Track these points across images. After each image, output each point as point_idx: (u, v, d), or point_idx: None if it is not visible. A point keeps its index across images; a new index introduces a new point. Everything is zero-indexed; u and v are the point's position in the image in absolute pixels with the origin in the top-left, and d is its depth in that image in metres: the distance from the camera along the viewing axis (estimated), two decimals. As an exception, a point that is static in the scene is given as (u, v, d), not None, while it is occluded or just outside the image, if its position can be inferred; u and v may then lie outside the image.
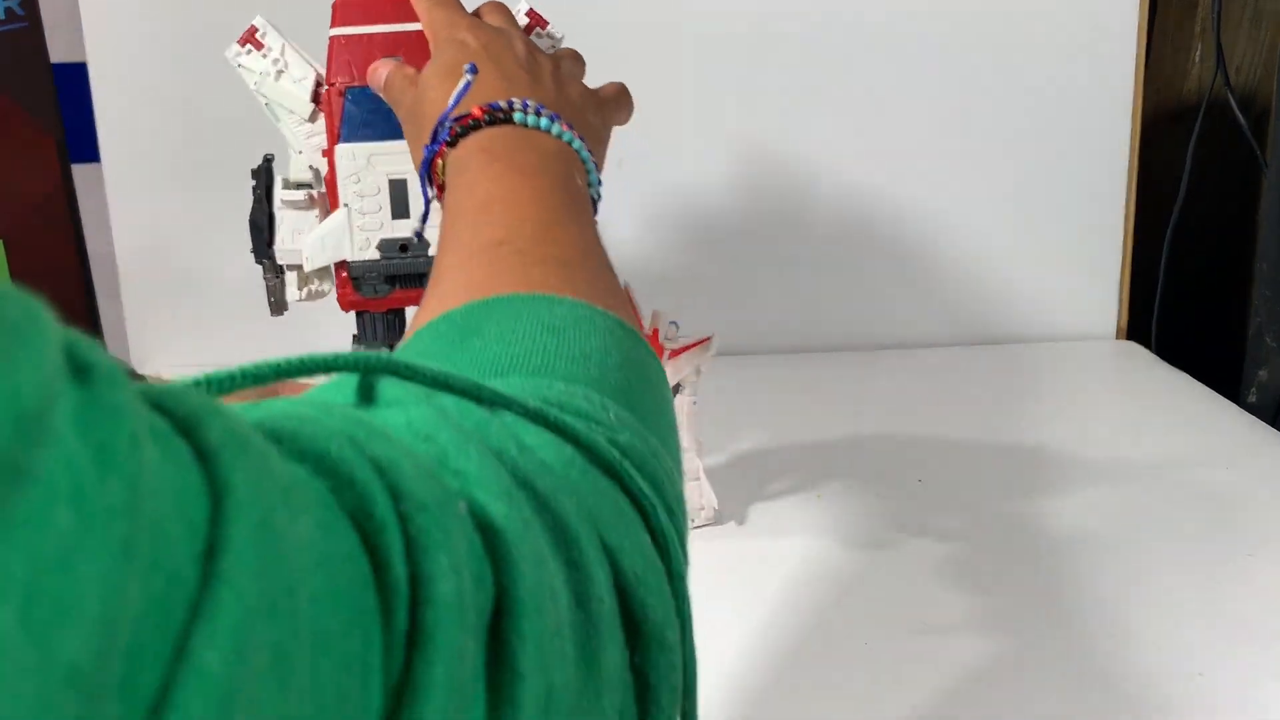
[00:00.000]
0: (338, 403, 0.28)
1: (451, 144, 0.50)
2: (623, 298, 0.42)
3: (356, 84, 0.68)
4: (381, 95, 0.63)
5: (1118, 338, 1.17)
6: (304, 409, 0.24)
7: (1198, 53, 1.25)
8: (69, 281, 1.25)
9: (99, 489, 0.15)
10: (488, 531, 0.24)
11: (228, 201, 0.72)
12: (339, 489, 0.22)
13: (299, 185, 0.73)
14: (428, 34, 0.60)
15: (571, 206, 0.46)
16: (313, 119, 0.71)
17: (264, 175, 0.73)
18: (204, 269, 1.14)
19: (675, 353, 0.73)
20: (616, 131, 1.28)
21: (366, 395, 0.29)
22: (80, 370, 0.16)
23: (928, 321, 1.16)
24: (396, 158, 0.68)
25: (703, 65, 1.12)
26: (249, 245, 0.73)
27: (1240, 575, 0.67)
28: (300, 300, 0.73)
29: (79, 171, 1.23)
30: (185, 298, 1.17)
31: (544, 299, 0.37)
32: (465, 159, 0.49)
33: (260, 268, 0.74)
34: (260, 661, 0.17)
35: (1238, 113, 1.13)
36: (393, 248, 0.69)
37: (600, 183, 0.53)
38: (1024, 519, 0.76)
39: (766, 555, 0.71)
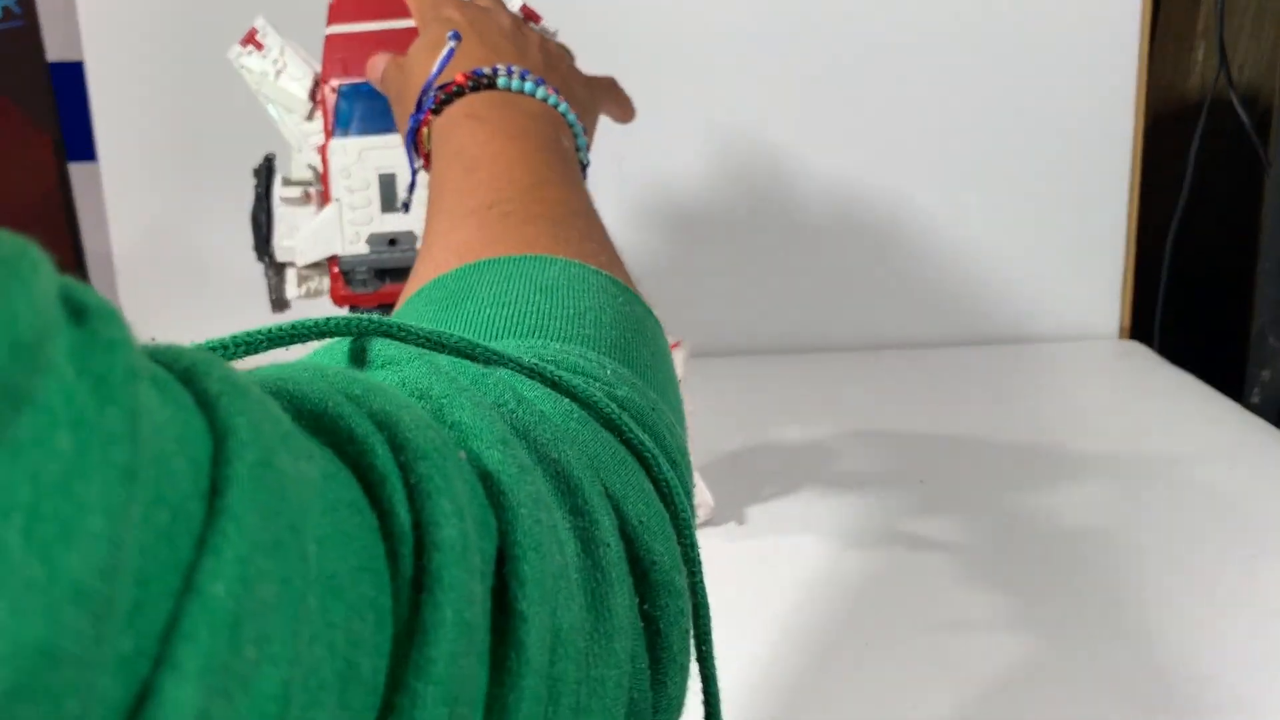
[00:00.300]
0: (331, 365, 0.28)
1: (436, 112, 0.50)
2: (615, 254, 0.42)
3: (349, 80, 0.69)
4: (379, 89, 0.63)
5: (1121, 337, 1.17)
6: (298, 372, 0.24)
7: (1200, 51, 1.24)
8: (66, 281, 1.25)
9: (98, 417, 0.15)
10: (485, 479, 0.24)
11: (226, 200, 0.72)
12: (339, 445, 0.22)
13: (299, 183, 0.74)
14: (414, 16, 0.60)
15: (559, 167, 0.46)
16: (311, 117, 0.73)
17: (264, 174, 0.74)
18: (202, 268, 1.14)
19: None
20: (617, 130, 1.27)
21: (359, 359, 0.29)
22: (77, 311, 0.16)
23: (929, 321, 1.16)
24: (386, 152, 0.69)
25: (703, 65, 1.12)
26: (248, 244, 0.74)
27: (1243, 575, 0.67)
28: (300, 298, 0.74)
29: (76, 171, 1.23)
30: (183, 297, 1.17)
31: (536, 259, 0.37)
32: (449, 125, 0.49)
33: (260, 266, 0.75)
34: (267, 594, 0.17)
35: (1241, 111, 1.12)
36: (382, 241, 0.70)
37: (587, 147, 0.53)
38: (1026, 519, 0.75)
39: (766, 555, 0.70)
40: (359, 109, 0.69)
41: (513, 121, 0.48)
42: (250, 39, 0.73)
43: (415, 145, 0.52)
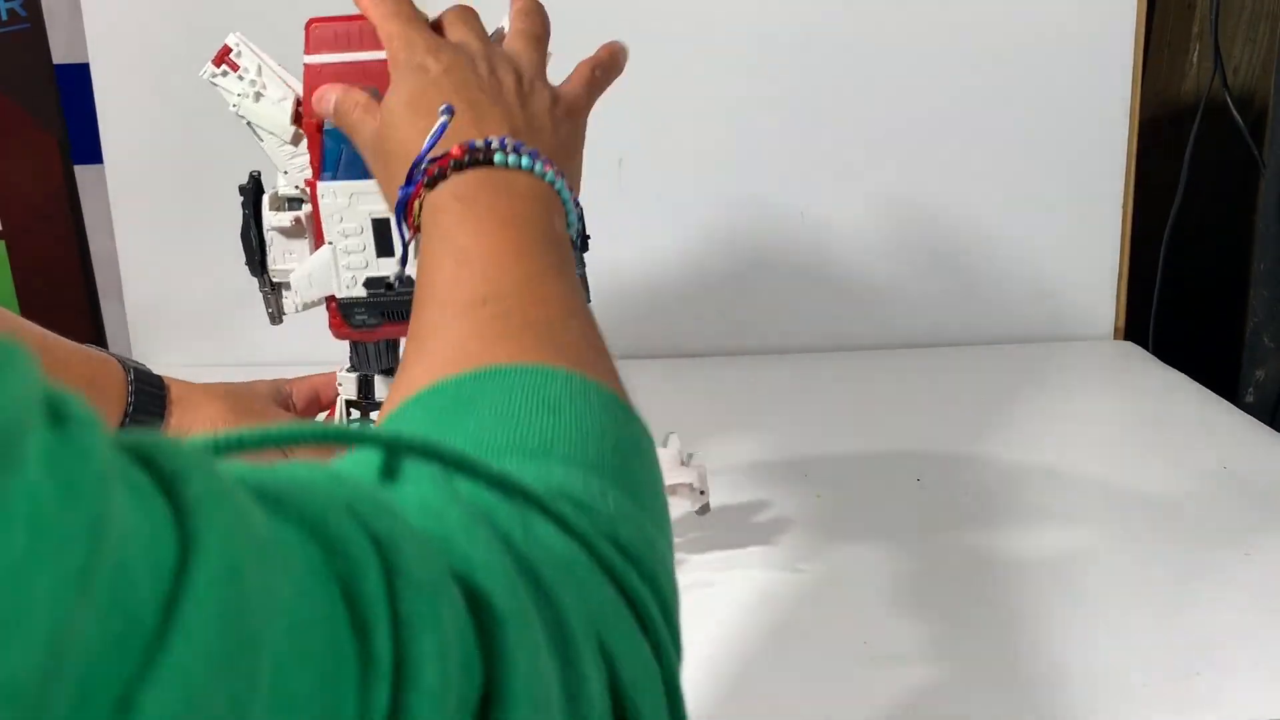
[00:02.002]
0: (355, 475, 0.28)
1: (429, 185, 0.48)
2: (609, 357, 0.42)
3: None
4: (334, 122, 0.61)
5: (1116, 338, 1.17)
6: (316, 475, 0.24)
7: (1195, 54, 1.25)
8: (71, 282, 1.26)
9: (58, 519, 0.16)
10: (486, 619, 0.24)
11: (230, 203, 0.72)
12: (331, 557, 0.22)
13: (289, 201, 0.72)
14: (387, 53, 0.57)
15: (553, 257, 0.45)
16: (295, 141, 0.69)
17: (252, 193, 0.71)
18: (206, 270, 1.14)
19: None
20: (618, 129, 1.28)
21: (389, 471, 0.29)
22: (58, 416, 0.17)
23: (926, 321, 1.17)
24: (378, 197, 0.65)
25: (703, 63, 1.12)
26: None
27: (1237, 575, 0.68)
28: (298, 312, 0.73)
29: (82, 173, 1.24)
30: (187, 299, 1.17)
31: (538, 372, 0.37)
32: (441, 204, 0.47)
33: (258, 280, 0.74)
34: (215, 711, 0.17)
35: (1235, 114, 1.13)
36: (379, 285, 0.69)
37: (580, 220, 0.52)
38: (1022, 518, 0.76)
39: (767, 555, 0.71)
40: (346, 152, 0.66)
41: (505, 206, 0.47)
42: (223, 58, 0.69)
43: (405, 217, 0.50)
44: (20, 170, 1.22)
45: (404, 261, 0.53)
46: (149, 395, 0.65)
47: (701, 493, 0.74)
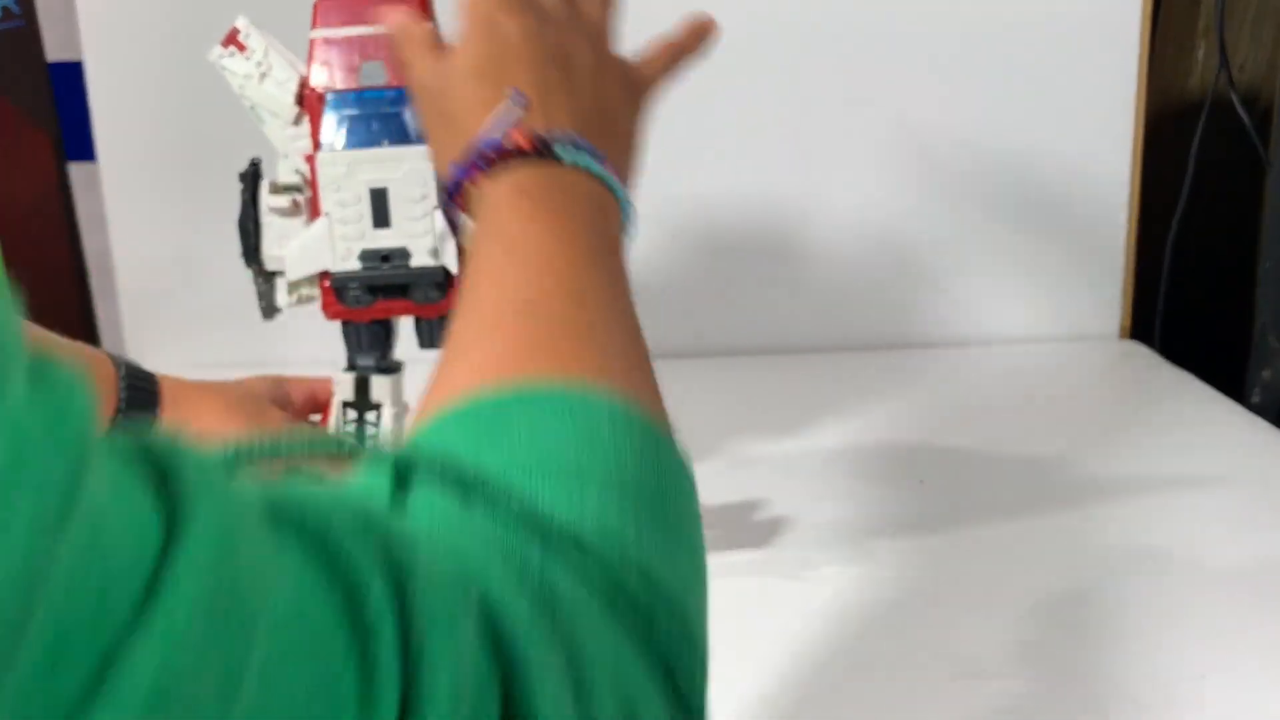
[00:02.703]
0: (366, 497, 0.27)
1: (484, 168, 0.47)
2: (649, 370, 0.41)
3: (337, 88, 0.67)
4: (390, 36, 0.56)
5: (1121, 337, 1.17)
6: (322, 496, 0.23)
7: (1201, 51, 1.25)
8: (65, 281, 1.25)
9: (40, 447, 0.15)
10: (504, 655, 0.23)
11: (225, 201, 0.72)
12: (334, 571, 0.21)
13: (286, 189, 0.71)
14: (460, 6, 0.53)
15: (605, 259, 0.45)
16: (297, 122, 0.70)
17: (250, 179, 0.72)
18: (201, 269, 1.14)
19: None
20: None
21: (401, 493, 0.28)
22: (38, 374, 0.16)
23: (931, 321, 1.16)
24: (377, 165, 0.67)
25: (701, 63, 1.12)
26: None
27: (1244, 577, 0.67)
28: (291, 305, 0.72)
29: (75, 171, 1.23)
30: (182, 298, 1.17)
31: (575, 398, 0.36)
32: (498, 197, 0.46)
33: (251, 271, 0.73)
34: (207, 677, 0.17)
35: (1241, 111, 1.12)
36: (374, 258, 0.68)
37: (635, 221, 0.51)
38: (1026, 519, 0.76)
39: (766, 556, 0.71)
40: (348, 121, 0.67)
41: (561, 203, 0.46)
42: (232, 40, 0.70)
43: (454, 195, 0.49)
44: (14, 168, 1.22)
45: (456, 230, 0.51)
46: (140, 391, 0.64)
47: None
